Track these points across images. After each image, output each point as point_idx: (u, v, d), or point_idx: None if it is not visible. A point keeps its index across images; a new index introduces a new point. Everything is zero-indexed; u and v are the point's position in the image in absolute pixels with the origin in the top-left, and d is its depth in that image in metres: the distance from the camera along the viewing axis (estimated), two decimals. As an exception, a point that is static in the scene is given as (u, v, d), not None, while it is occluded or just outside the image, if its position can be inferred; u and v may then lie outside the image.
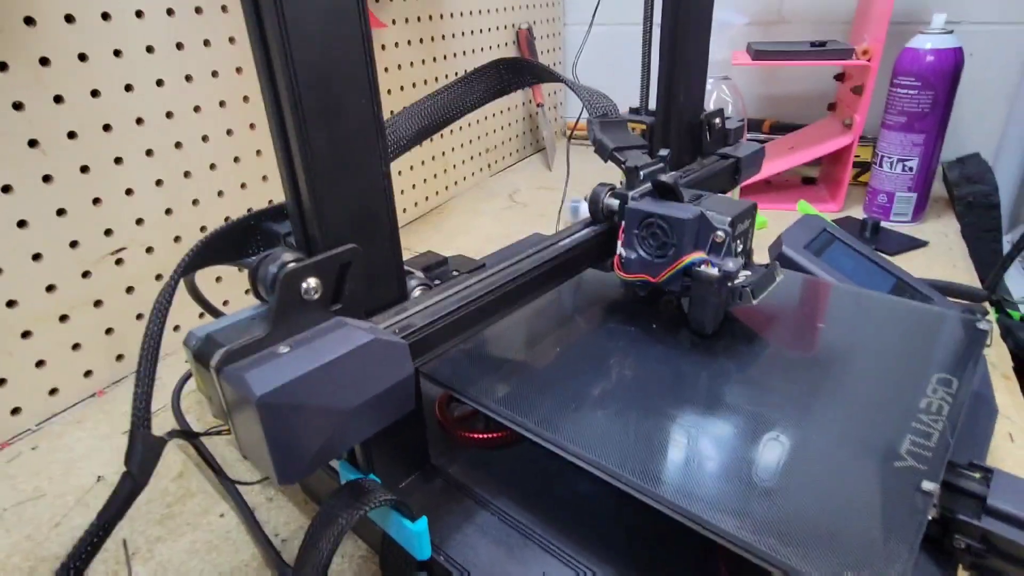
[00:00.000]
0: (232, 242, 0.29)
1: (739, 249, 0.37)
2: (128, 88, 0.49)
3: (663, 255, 0.36)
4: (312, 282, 0.25)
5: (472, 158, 0.97)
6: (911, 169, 0.76)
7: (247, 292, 0.62)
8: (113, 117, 0.48)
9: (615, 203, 0.38)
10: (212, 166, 0.57)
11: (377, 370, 0.25)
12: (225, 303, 0.60)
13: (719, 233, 0.35)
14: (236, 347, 0.24)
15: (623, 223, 0.37)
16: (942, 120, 0.73)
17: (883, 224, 0.77)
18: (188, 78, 0.53)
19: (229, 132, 0.57)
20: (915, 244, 0.75)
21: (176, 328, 0.57)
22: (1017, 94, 0.85)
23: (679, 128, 0.47)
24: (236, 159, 0.59)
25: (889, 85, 0.75)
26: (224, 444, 0.45)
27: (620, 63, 1.00)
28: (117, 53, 0.48)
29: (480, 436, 0.36)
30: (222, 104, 0.56)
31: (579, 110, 1.24)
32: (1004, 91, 0.87)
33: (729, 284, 0.35)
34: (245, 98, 0.58)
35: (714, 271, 0.34)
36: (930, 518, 0.26)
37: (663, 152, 0.39)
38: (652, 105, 0.50)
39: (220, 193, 0.58)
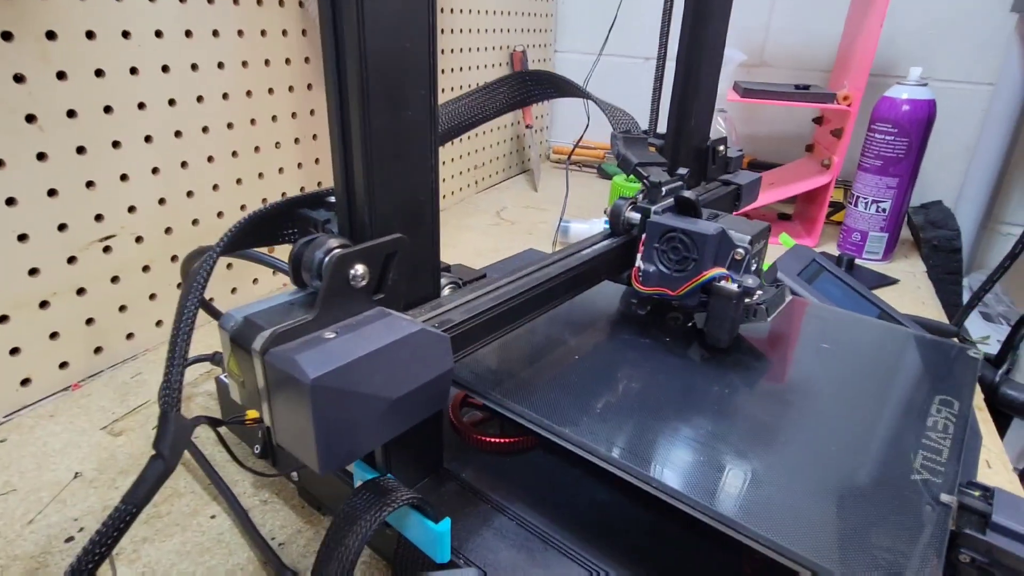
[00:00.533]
0: (270, 226, 0.28)
1: (754, 268, 0.38)
2: (133, 71, 0.48)
3: (682, 269, 0.37)
4: (360, 269, 0.25)
5: (461, 173, 0.97)
6: (884, 210, 0.80)
7: (233, 291, 0.61)
8: (115, 99, 0.47)
9: (636, 216, 0.39)
10: (210, 158, 0.55)
11: (421, 361, 0.25)
12: (211, 299, 0.58)
13: (739, 250, 0.36)
14: (283, 330, 0.23)
15: (643, 236, 0.38)
16: (915, 166, 0.77)
17: (856, 261, 0.81)
18: (194, 67, 0.52)
19: (230, 126, 0.56)
20: (886, 281, 0.78)
21: (159, 323, 0.54)
22: (977, 148, 0.91)
23: (687, 152, 0.48)
24: (234, 153, 0.57)
25: (867, 130, 0.79)
26: (213, 443, 0.43)
27: (613, 90, 1.03)
28: (126, 34, 0.47)
29: (496, 441, 0.35)
30: (225, 96, 0.55)
31: (564, 134, 1.26)
32: (965, 144, 0.93)
33: (746, 301, 0.36)
34: (248, 92, 0.57)
35: (734, 287, 0.35)
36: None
37: (682, 171, 0.41)
38: (658, 130, 0.51)
39: (215, 187, 0.56)
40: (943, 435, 0.32)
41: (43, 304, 0.45)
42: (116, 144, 0.48)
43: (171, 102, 0.51)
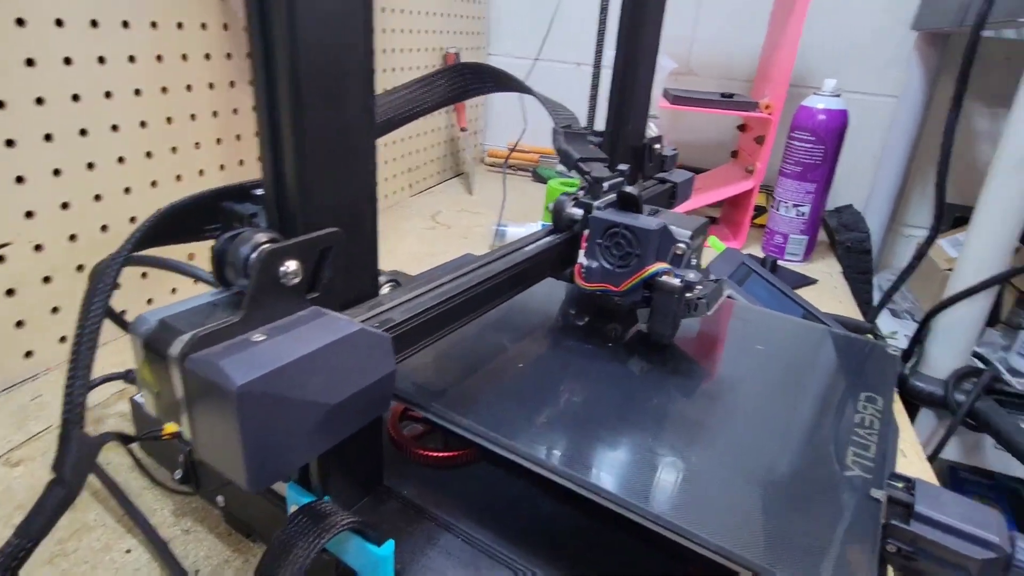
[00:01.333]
0: (191, 220, 0.26)
1: (694, 263, 0.38)
2: (30, 63, 0.43)
3: (625, 265, 0.37)
4: (291, 265, 0.23)
5: (395, 176, 0.95)
6: (804, 214, 0.84)
7: (149, 302, 0.56)
8: (8, 94, 0.42)
9: (578, 212, 0.38)
10: (120, 159, 0.51)
11: (361, 364, 0.23)
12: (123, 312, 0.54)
13: (680, 245, 0.36)
14: (205, 332, 0.21)
15: (586, 232, 0.37)
16: (830, 171, 0.82)
17: (779, 262, 0.84)
18: (101, 60, 0.48)
19: (143, 124, 0.52)
20: (806, 281, 0.82)
21: (62, 339, 0.49)
22: (883, 155, 0.98)
23: (624, 150, 0.49)
24: (148, 154, 0.53)
25: (787, 138, 0.83)
26: (127, 470, 0.40)
27: (546, 93, 1.04)
28: (20, 22, 0.42)
29: (439, 455, 0.33)
30: (137, 93, 0.51)
31: (498, 137, 1.26)
32: (873, 152, 1.00)
33: (687, 295, 0.36)
34: (164, 89, 0.53)
35: (676, 281, 0.35)
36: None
37: (623, 167, 0.41)
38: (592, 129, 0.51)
39: (127, 190, 0.52)
40: (870, 431, 0.33)
41: (-79, 320, 0.40)
42: (10, 143, 0.43)
43: (75, 97, 0.47)
